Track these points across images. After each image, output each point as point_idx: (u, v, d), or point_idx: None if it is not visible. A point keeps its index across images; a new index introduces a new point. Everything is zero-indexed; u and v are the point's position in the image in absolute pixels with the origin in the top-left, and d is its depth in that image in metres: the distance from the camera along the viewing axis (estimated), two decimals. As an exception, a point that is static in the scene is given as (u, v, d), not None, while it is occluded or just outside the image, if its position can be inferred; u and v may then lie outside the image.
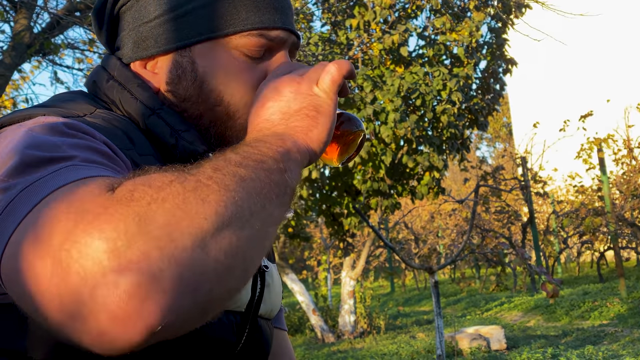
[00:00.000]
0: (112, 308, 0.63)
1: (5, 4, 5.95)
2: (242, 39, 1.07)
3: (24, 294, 0.69)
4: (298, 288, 10.29)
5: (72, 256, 0.64)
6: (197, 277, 0.66)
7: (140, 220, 0.66)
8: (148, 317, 0.64)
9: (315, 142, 0.92)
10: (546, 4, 5.80)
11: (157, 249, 0.65)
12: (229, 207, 0.71)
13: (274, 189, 0.79)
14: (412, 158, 8.11)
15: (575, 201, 14.31)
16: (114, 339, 0.64)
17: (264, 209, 0.76)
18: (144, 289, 0.63)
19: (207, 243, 0.68)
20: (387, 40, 7.92)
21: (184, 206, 0.69)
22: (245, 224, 0.72)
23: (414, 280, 19.60)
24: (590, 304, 9.67)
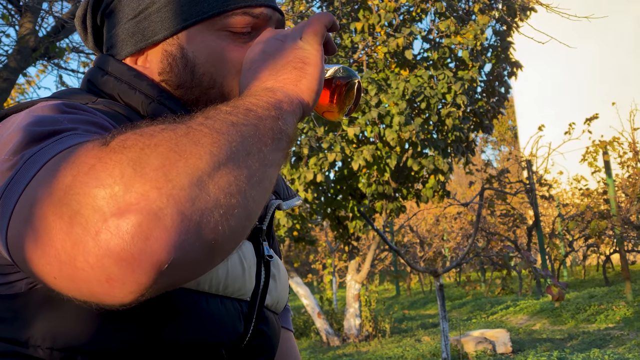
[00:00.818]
0: (116, 251, 0.64)
1: (10, 7, 5.97)
2: (226, 19, 1.08)
3: (32, 259, 0.70)
4: (303, 291, 10.29)
5: (72, 208, 0.66)
6: (198, 214, 0.67)
7: (135, 164, 0.67)
8: (152, 254, 0.65)
9: (305, 91, 0.93)
10: (551, 7, 5.80)
11: (155, 189, 0.66)
12: (223, 148, 0.73)
13: (268, 133, 0.80)
14: (417, 161, 8.11)
15: (580, 204, 14.27)
16: (122, 283, 0.66)
17: (260, 151, 0.78)
18: (145, 227, 0.64)
19: (204, 181, 0.69)
20: (392, 43, 7.92)
21: (177, 149, 0.70)
22: (242, 163, 0.74)
23: (419, 283, 19.57)
24: (596, 307, 9.65)
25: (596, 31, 15.66)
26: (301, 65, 0.94)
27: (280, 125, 0.84)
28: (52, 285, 0.71)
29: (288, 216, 7.91)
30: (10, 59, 5.67)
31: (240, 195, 0.72)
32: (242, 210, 0.72)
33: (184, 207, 0.67)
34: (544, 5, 5.97)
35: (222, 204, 0.70)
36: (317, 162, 7.60)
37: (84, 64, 7.88)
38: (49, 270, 0.69)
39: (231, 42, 1.09)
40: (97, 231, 0.64)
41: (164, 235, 0.65)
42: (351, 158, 7.96)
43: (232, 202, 0.71)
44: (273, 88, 0.90)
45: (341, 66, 1.07)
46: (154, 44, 1.11)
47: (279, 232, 8.44)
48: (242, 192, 0.72)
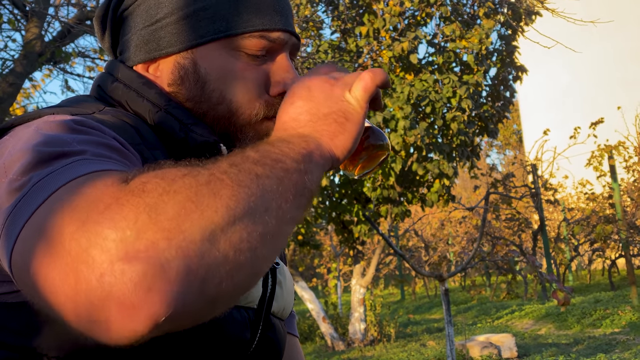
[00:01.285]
0: (117, 296, 0.63)
1: (17, 12, 5.99)
2: (243, 40, 1.08)
3: (35, 287, 0.70)
4: (308, 296, 10.28)
5: (81, 245, 0.65)
6: (204, 270, 0.66)
7: (150, 210, 0.67)
8: (152, 307, 0.64)
9: (339, 148, 0.91)
10: (556, 11, 5.79)
11: (166, 240, 0.65)
12: (242, 202, 0.71)
13: (291, 189, 0.79)
14: (422, 165, 8.10)
15: (586, 209, 14.23)
16: (119, 327, 0.65)
17: (279, 207, 0.76)
18: (150, 278, 0.63)
19: (216, 236, 0.68)
20: (397, 47, 7.92)
21: (195, 198, 0.69)
22: (258, 220, 0.72)
23: (424, 287, 19.55)
24: (601, 312, 9.62)
25: (602, 35, 15.65)
26: (343, 120, 0.91)
27: (306, 181, 0.82)
28: (51, 314, 0.70)
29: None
30: (17, 64, 5.69)
31: (250, 252, 0.71)
32: (250, 268, 0.71)
33: (191, 261, 0.65)
34: (550, 9, 5.97)
35: (230, 260, 0.68)
36: (322, 166, 7.60)
37: (90, 68, 7.90)
38: (50, 302, 0.68)
39: (245, 63, 1.09)
40: (102, 273, 0.64)
41: (166, 288, 0.64)
42: (356, 162, 7.96)
43: (240, 259, 0.69)
44: (308, 136, 0.88)
45: (377, 129, 1.04)
46: (167, 55, 1.11)
47: (284, 237, 8.44)
48: (253, 249, 0.71)
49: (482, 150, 10.86)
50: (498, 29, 8.99)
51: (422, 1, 8.27)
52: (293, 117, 0.92)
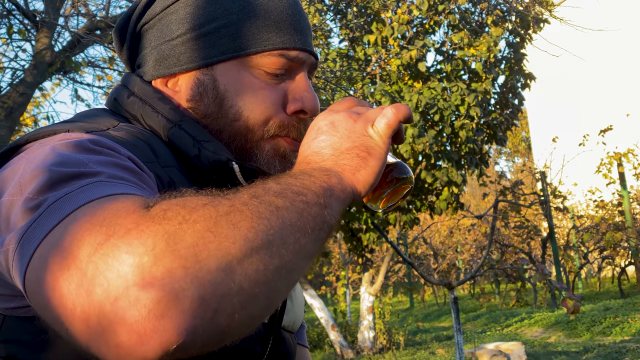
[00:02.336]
0: (130, 322, 0.64)
1: (27, 23, 6.02)
2: (263, 58, 1.09)
3: (47, 306, 0.70)
4: (317, 304, 10.28)
5: (98, 268, 0.66)
6: (218, 300, 0.66)
7: (169, 238, 0.67)
8: (164, 334, 0.64)
9: (361, 183, 0.91)
10: (564, 20, 5.80)
11: (182, 268, 0.65)
12: (260, 235, 0.71)
13: (310, 223, 0.78)
14: (430, 173, 8.10)
15: (595, 216, 14.20)
16: (129, 352, 0.65)
17: (297, 241, 0.75)
18: (163, 306, 0.64)
19: (232, 267, 0.68)
20: (405, 55, 7.93)
21: (214, 229, 0.69)
22: (275, 253, 0.72)
23: (433, 295, 19.51)
24: (611, 320, 9.59)
25: (610, 43, 15.63)
26: (365, 155, 0.92)
27: (326, 215, 0.82)
28: (63, 335, 0.71)
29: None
30: (27, 74, 5.72)
31: (265, 285, 0.71)
32: (263, 300, 0.71)
33: (205, 291, 0.66)
34: (558, 18, 5.98)
35: (245, 292, 0.69)
36: (330, 174, 7.61)
37: (99, 78, 7.94)
38: (62, 322, 0.69)
39: (263, 81, 1.10)
40: (116, 297, 0.64)
41: (179, 318, 0.64)
42: (365, 170, 7.96)
43: (254, 291, 0.70)
44: (330, 170, 0.89)
45: (401, 163, 1.04)
46: (187, 70, 1.12)
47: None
48: (268, 282, 0.71)
49: (491, 157, 10.84)
50: (506, 37, 8.99)
51: (430, 9, 8.28)
52: (315, 151, 0.92)
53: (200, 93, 1.11)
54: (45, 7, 6.05)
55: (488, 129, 8.82)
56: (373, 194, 1.03)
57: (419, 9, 8.20)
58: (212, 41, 1.10)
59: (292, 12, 1.14)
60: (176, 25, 1.11)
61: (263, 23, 1.10)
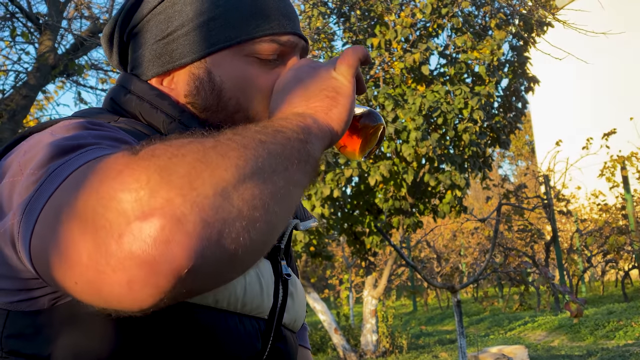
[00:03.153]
0: (138, 253, 0.65)
1: (30, 25, 6.03)
2: (254, 45, 1.10)
3: (53, 263, 0.71)
4: (320, 307, 10.27)
5: (97, 212, 0.67)
6: (220, 223, 0.68)
7: (162, 171, 0.68)
8: (173, 259, 0.65)
9: (335, 120, 0.93)
10: (568, 23, 5.79)
11: (180, 196, 0.67)
12: (249, 162, 0.73)
13: (295, 154, 0.81)
14: (433, 176, 8.10)
15: (599, 219, 14.18)
16: (142, 286, 0.66)
17: (286, 169, 0.78)
18: (167, 231, 0.65)
19: (228, 192, 0.70)
20: (409, 58, 7.93)
21: (204, 159, 0.71)
22: (267, 179, 0.74)
23: (437, 299, 19.50)
24: (615, 324, 9.57)
25: (614, 46, 15.61)
26: (333, 94, 0.95)
27: (308, 149, 0.84)
28: (73, 292, 0.71)
29: (305, 232, 7.91)
30: (30, 76, 5.73)
31: (263, 209, 0.72)
32: (265, 224, 0.73)
33: (207, 214, 0.67)
34: (561, 21, 5.97)
35: (245, 215, 0.70)
36: (333, 177, 7.61)
37: (102, 80, 7.94)
38: (71, 275, 0.70)
39: (258, 68, 1.11)
40: (120, 234, 0.65)
41: (185, 241, 0.65)
42: (368, 173, 7.96)
43: (255, 215, 0.71)
44: (303, 113, 0.91)
45: (369, 109, 1.08)
46: (181, 66, 1.12)
47: (296, 248, 8.44)
48: (266, 206, 0.73)
49: (494, 161, 10.80)
50: (510, 40, 8.98)
51: (433, 12, 8.28)
52: (285, 102, 0.95)
53: (197, 87, 1.11)
54: (48, 10, 6.06)
55: (491, 132, 8.82)
56: (351, 144, 1.07)
57: (423, 12, 8.20)
58: (203, 34, 1.10)
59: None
60: (165, 24, 1.12)
61: (251, 11, 1.11)
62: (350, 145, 1.08)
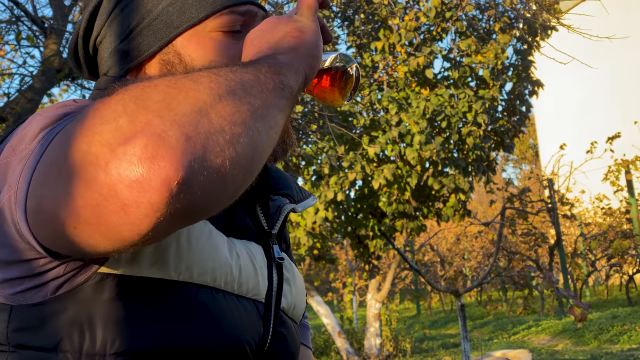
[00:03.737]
0: (126, 174, 0.67)
1: (36, 29, 6.05)
2: (216, 20, 1.12)
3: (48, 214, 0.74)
4: (323, 310, 10.26)
5: (82, 150, 0.70)
6: (202, 137, 0.70)
7: (137, 99, 0.71)
8: (160, 171, 0.67)
9: (305, 57, 0.95)
10: (572, 27, 5.79)
11: (158, 117, 0.69)
12: (222, 85, 0.76)
13: (269, 82, 0.83)
14: (437, 180, 8.09)
15: (603, 223, 14.16)
16: (137, 206, 0.68)
17: (261, 92, 0.80)
18: (151, 148, 0.67)
19: (206, 110, 0.72)
20: (413, 62, 7.93)
21: (176, 86, 0.73)
22: (243, 100, 0.76)
23: (440, 302, 19.48)
24: (619, 328, 9.55)
25: (618, 50, 15.61)
26: (298, 34, 0.97)
27: (282, 78, 0.85)
28: (74, 239, 0.74)
29: (309, 235, 7.91)
30: (35, 80, 5.74)
31: (244, 125, 0.74)
32: (248, 139, 0.75)
33: (187, 129, 0.69)
34: (566, 25, 5.97)
35: (226, 130, 0.72)
36: (337, 181, 7.61)
37: (107, 84, 7.93)
38: (68, 221, 0.72)
39: (224, 42, 1.13)
40: (106, 162, 0.68)
41: (170, 154, 0.67)
42: (372, 177, 7.96)
43: (236, 130, 0.73)
44: (273, 55, 0.92)
45: (339, 53, 1.11)
46: (150, 57, 1.14)
47: (300, 251, 8.44)
48: (245, 122, 0.75)
49: (498, 164, 10.79)
50: (514, 44, 8.98)
51: (437, 16, 8.28)
52: (254, 52, 0.96)
53: (169, 70, 1.13)
54: (53, 13, 6.07)
55: (495, 136, 8.82)
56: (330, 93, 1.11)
57: (427, 15, 8.20)
58: (164, 21, 1.12)
59: None
60: (125, 24, 1.14)
61: None
62: (330, 93, 1.10)
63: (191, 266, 0.97)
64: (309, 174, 8.10)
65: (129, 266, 0.93)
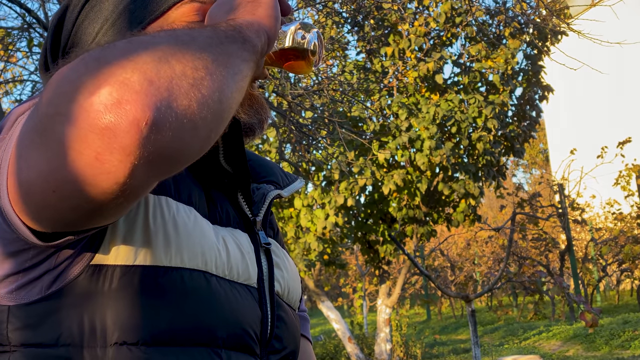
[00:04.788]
0: (95, 123, 0.69)
1: (42, 32, 6.08)
2: (178, 10, 1.12)
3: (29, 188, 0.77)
4: (334, 315, 10.26)
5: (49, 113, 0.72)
6: (166, 80, 0.72)
7: (98, 58, 0.73)
8: (128, 114, 0.69)
9: (264, 18, 0.94)
10: (582, 33, 5.78)
11: (120, 68, 0.71)
12: (180, 37, 0.78)
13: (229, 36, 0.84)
14: (447, 185, 8.09)
15: (614, 228, 14.11)
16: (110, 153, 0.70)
17: (220, 43, 0.81)
18: (116, 94, 0.69)
19: (166, 58, 0.73)
20: (422, 68, 7.94)
21: (134, 41, 0.76)
22: (203, 49, 0.78)
23: (451, 308, 19.43)
24: (630, 333, 9.51)
25: (629, 55, 15.57)
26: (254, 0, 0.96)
27: (243, 34, 0.87)
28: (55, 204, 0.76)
29: (319, 240, 7.92)
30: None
31: (205, 69, 0.76)
32: (211, 83, 0.76)
33: (149, 75, 0.71)
34: (576, 31, 5.95)
35: (189, 75, 0.74)
36: (347, 186, 7.62)
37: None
38: (47, 186, 0.74)
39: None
40: (75, 117, 0.69)
41: (135, 97, 0.69)
42: (382, 182, 7.96)
43: (199, 74, 0.75)
44: (233, 19, 0.92)
45: (299, 23, 1.10)
46: None
47: (310, 257, 8.45)
48: (207, 67, 0.76)
49: (508, 169, 10.75)
50: (524, 49, 8.98)
51: (447, 21, 8.29)
52: (213, 21, 0.96)
53: None
54: (65, 20, 6.11)
55: (505, 141, 8.81)
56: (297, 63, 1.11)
57: (436, 21, 8.21)
58: (128, 17, 1.13)
59: None
60: (92, 27, 1.14)
61: None
62: (297, 67, 1.11)
63: (181, 250, 0.99)
64: (319, 179, 8.11)
65: (120, 256, 0.95)
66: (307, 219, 7.93)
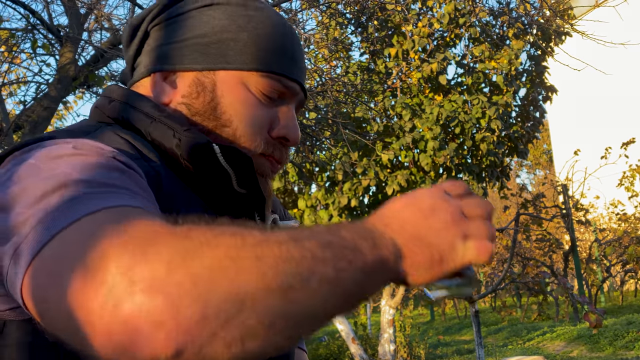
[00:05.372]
0: (128, 320, 0.63)
1: (51, 37, 6.08)
2: (263, 78, 1.14)
3: (51, 310, 0.70)
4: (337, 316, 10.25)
5: (108, 270, 0.65)
6: (220, 325, 0.64)
7: (187, 255, 0.65)
8: (152, 344, 0.63)
9: (413, 276, 0.84)
10: (586, 34, 5.78)
11: (192, 284, 0.64)
12: (281, 277, 0.68)
13: (345, 285, 0.74)
14: (451, 186, 8.08)
15: (618, 229, 14.09)
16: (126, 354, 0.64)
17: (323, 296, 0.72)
18: (161, 314, 0.62)
19: (243, 300, 0.65)
20: (426, 68, 7.94)
21: (235, 258, 0.67)
22: (293, 299, 0.69)
23: (454, 308, 19.42)
24: (634, 334, 9.50)
25: (633, 55, 15.56)
26: (437, 259, 0.84)
27: (365, 285, 0.78)
28: (58, 338, 0.71)
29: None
30: (51, 88, 5.77)
31: (271, 329, 0.67)
32: (261, 342, 0.67)
33: (208, 312, 0.64)
34: (580, 32, 5.95)
35: (247, 327, 0.66)
36: (351, 187, 7.62)
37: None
38: (57, 326, 0.70)
39: (257, 100, 1.15)
40: (120, 300, 0.63)
41: (172, 335, 0.63)
42: (385, 183, 7.96)
43: (256, 331, 0.66)
44: (397, 248, 0.82)
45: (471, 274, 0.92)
46: (189, 70, 1.15)
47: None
48: (274, 326, 0.67)
49: (512, 170, 10.77)
50: (527, 50, 8.97)
51: (451, 22, 8.29)
52: (400, 222, 0.85)
53: (198, 92, 1.14)
54: (69, 22, 6.11)
55: (509, 141, 8.81)
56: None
57: (440, 22, 8.21)
58: (220, 50, 1.14)
59: (296, 49, 1.20)
60: (183, 30, 1.16)
61: (270, 47, 1.15)
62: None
63: None
64: (323, 180, 8.11)
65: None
66: (310, 220, 7.93)
